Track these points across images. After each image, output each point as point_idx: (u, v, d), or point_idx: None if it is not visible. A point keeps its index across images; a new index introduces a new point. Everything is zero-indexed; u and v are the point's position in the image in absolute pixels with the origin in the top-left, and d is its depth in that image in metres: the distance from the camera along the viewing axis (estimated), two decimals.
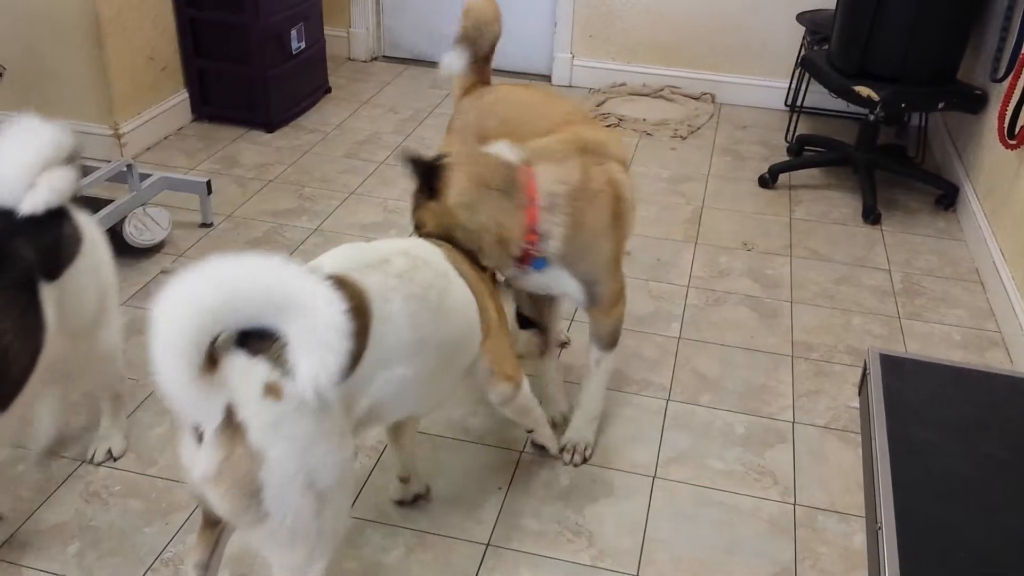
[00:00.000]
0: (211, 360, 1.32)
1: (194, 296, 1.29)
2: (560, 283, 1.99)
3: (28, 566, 1.85)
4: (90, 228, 1.91)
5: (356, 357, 1.46)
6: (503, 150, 1.92)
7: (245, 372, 1.35)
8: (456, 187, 1.83)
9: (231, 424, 1.35)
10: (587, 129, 2.06)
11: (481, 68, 2.32)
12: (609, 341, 2.12)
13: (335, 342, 1.32)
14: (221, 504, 1.41)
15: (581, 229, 1.92)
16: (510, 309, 2.04)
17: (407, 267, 1.62)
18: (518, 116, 2.16)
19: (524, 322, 2.13)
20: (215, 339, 1.33)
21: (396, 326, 1.54)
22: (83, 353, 1.96)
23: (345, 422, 1.49)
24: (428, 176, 1.84)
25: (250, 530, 1.44)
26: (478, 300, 1.76)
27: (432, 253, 1.73)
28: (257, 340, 1.36)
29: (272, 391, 1.35)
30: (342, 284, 1.45)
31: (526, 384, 1.92)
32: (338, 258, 1.60)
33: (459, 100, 2.33)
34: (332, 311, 1.33)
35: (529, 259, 1.91)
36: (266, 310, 1.33)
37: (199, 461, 1.38)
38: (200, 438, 1.38)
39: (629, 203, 2.03)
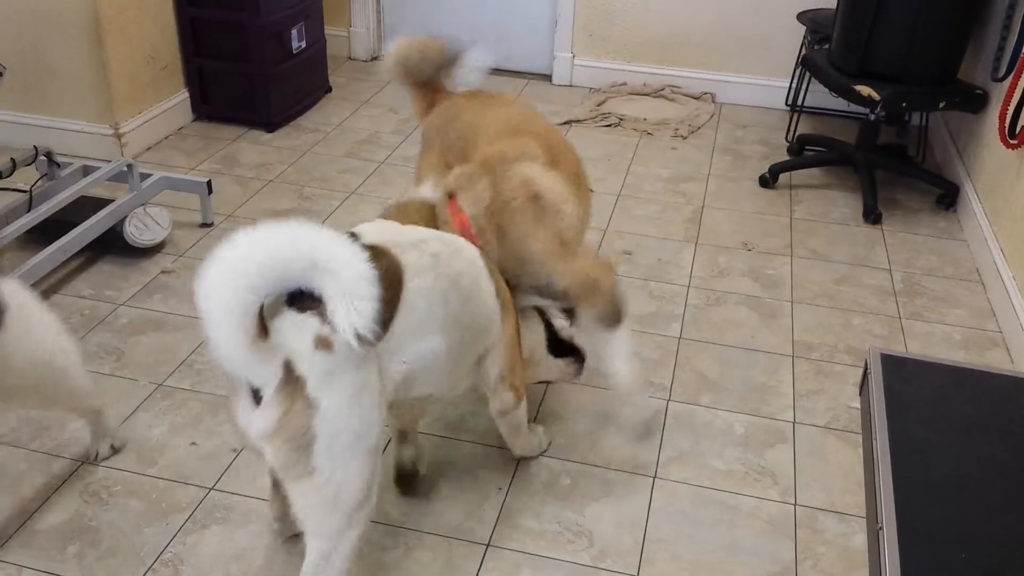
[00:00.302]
0: (262, 326, 1.41)
1: (236, 265, 1.37)
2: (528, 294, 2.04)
3: (28, 566, 1.84)
4: (17, 294, 1.79)
5: (387, 321, 1.55)
6: (426, 191, 2.00)
7: (298, 327, 1.44)
8: None
9: (291, 379, 1.44)
10: (497, 142, 2.06)
11: (429, 91, 2.36)
12: (610, 321, 2.06)
13: (364, 290, 1.39)
14: (274, 457, 1.50)
15: (507, 239, 1.95)
16: (539, 335, 2.05)
17: (441, 251, 1.70)
18: (467, 127, 2.18)
19: (558, 349, 2.11)
20: (262, 306, 1.41)
21: (427, 299, 1.62)
22: (34, 405, 1.92)
23: (381, 384, 1.56)
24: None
25: (296, 484, 1.52)
26: (501, 302, 1.84)
27: (467, 248, 1.80)
28: (305, 300, 1.44)
29: (323, 344, 1.44)
30: (378, 253, 1.54)
31: (524, 404, 1.98)
32: (377, 231, 1.67)
33: (422, 120, 2.38)
34: (358, 264, 1.40)
35: None
36: (301, 269, 1.39)
37: (257, 420, 1.48)
38: (258, 400, 1.47)
39: (555, 195, 1.99)
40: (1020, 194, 2.80)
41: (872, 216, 3.31)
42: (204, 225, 3.09)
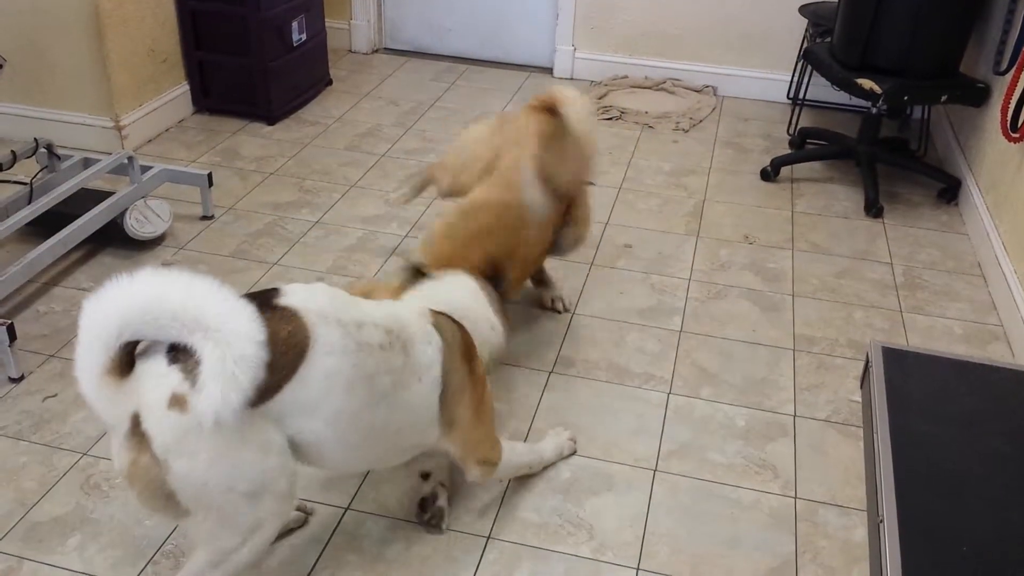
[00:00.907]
0: (123, 366, 1.36)
1: (120, 294, 1.32)
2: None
3: (29, 558, 1.85)
4: None
5: (275, 388, 1.43)
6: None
7: (156, 380, 1.37)
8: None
9: (137, 432, 1.38)
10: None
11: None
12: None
13: (242, 376, 1.33)
14: (140, 502, 1.45)
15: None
16: None
17: (378, 342, 1.57)
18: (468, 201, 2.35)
19: None
20: (132, 347, 1.37)
21: (327, 384, 1.49)
22: None
23: (269, 434, 1.46)
24: None
25: (174, 521, 1.49)
26: (448, 399, 1.72)
27: (425, 340, 1.67)
28: (182, 352, 1.37)
29: (178, 402, 1.36)
30: (287, 316, 1.45)
31: (508, 451, 1.92)
32: (315, 296, 1.53)
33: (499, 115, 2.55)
34: (248, 342, 1.33)
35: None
36: (182, 325, 1.33)
37: (114, 458, 1.43)
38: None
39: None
40: (1021, 188, 2.79)
41: (873, 210, 3.31)
42: (205, 218, 3.09)
